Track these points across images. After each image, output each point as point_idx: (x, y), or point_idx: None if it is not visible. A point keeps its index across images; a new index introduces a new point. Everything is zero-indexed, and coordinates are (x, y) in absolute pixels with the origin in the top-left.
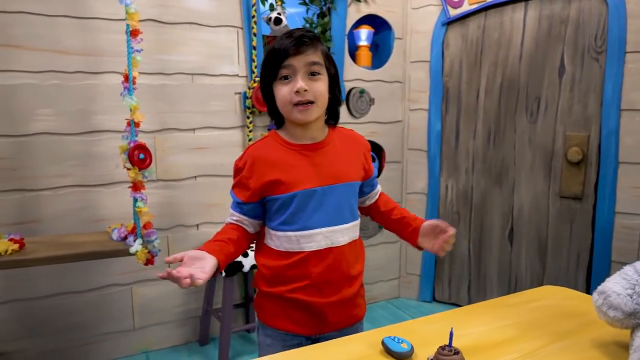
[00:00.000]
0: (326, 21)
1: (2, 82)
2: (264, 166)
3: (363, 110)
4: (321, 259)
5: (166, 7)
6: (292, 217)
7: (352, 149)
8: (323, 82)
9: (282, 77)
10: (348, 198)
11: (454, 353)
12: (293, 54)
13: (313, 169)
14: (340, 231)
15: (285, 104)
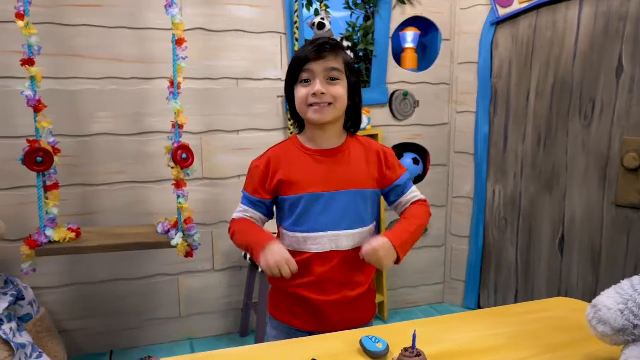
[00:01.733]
0: (369, 24)
1: (68, 88)
2: (278, 167)
3: (407, 112)
4: (325, 260)
5: (214, 16)
6: (299, 218)
7: (366, 155)
8: (342, 87)
9: (302, 80)
10: (357, 204)
11: (415, 355)
12: (314, 59)
13: (323, 174)
14: (346, 236)
15: (301, 104)
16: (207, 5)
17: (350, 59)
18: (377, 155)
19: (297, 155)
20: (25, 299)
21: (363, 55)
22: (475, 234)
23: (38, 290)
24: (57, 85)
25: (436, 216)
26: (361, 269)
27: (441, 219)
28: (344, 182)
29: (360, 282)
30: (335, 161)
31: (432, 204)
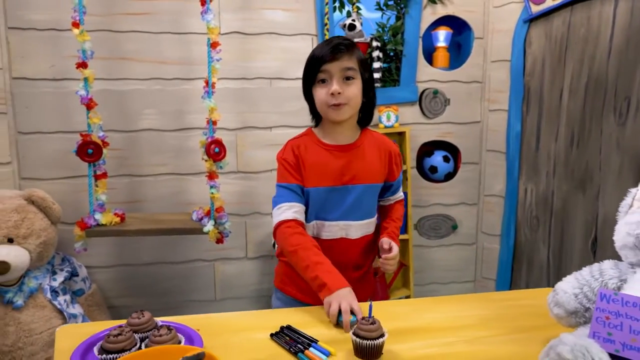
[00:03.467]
0: (398, 25)
1: (118, 88)
2: (303, 159)
3: (437, 110)
4: (333, 245)
5: (249, 20)
6: (315, 208)
7: (379, 152)
8: (356, 86)
9: (319, 80)
10: (367, 197)
11: (370, 323)
12: (329, 60)
13: (338, 169)
14: (354, 226)
15: (322, 104)
16: (243, 10)
17: (364, 56)
18: (389, 153)
19: (316, 150)
20: (79, 275)
21: (393, 55)
22: (507, 233)
23: (90, 268)
24: (108, 86)
25: (467, 214)
26: (365, 254)
27: (472, 217)
28: (358, 176)
29: (362, 265)
30: (351, 156)
31: (463, 202)
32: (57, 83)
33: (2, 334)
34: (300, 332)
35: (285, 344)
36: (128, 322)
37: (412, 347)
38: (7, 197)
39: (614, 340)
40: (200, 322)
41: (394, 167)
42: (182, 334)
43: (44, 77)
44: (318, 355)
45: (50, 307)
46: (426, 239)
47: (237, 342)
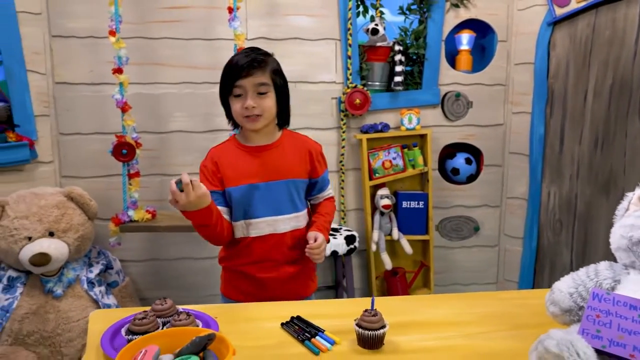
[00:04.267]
0: (421, 29)
1: (151, 91)
2: (221, 163)
3: (459, 113)
4: (264, 242)
5: (275, 26)
6: (241, 207)
7: (299, 150)
8: (270, 99)
9: (235, 94)
10: (290, 192)
11: (372, 315)
12: (244, 77)
13: (259, 167)
14: (282, 220)
15: (237, 116)
16: (269, 17)
17: (278, 65)
18: (308, 151)
19: (236, 152)
20: (113, 268)
21: (415, 58)
22: (529, 236)
23: (124, 262)
24: (142, 90)
25: (489, 216)
26: (297, 248)
27: (494, 219)
28: (278, 173)
29: (297, 259)
30: (269, 155)
31: (485, 204)
32: (95, 87)
33: (43, 320)
34: (308, 322)
35: (294, 332)
36: (152, 308)
37: (412, 339)
38: (49, 194)
39: (601, 337)
40: (218, 311)
41: (316, 164)
42: (200, 320)
43: (84, 82)
44: (323, 343)
45: (86, 297)
46: (448, 240)
47: (250, 329)
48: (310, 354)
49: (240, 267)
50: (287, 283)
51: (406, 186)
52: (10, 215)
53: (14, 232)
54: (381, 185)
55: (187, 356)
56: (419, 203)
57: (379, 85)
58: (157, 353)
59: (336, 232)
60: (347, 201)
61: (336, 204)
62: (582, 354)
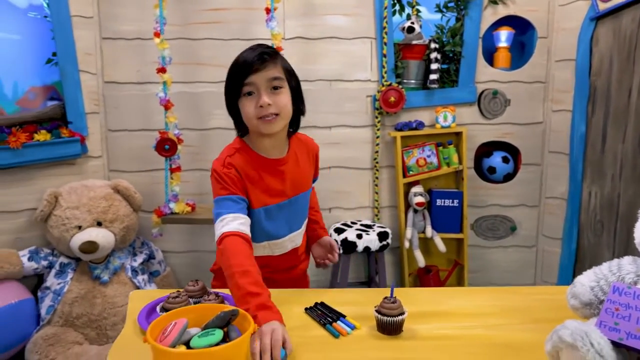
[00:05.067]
0: (457, 26)
1: (193, 90)
2: (246, 176)
3: (496, 111)
4: (286, 257)
5: (312, 25)
6: (265, 227)
7: (307, 156)
8: (286, 95)
9: (245, 93)
10: (305, 204)
11: (392, 302)
12: (255, 71)
13: (283, 185)
14: (300, 234)
15: (250, 118)
16: (306, 17)
17: (288, 63)
18: (314, 154)
19: (256, 166)
20: (156, 258)
21: (452, 56)
22: (569, 237)
23: (165, 253)
24: (184, 88)
25: (527, 216)
26: (304, 252)
27: (532, 219)
28: (298, 187)
29: (302, 260)
30: (289, 168)
31: (523, 204)
32: (141, 86)
33: (91, 304)
34: (331, 308)
35: (316, 317)
36: (185, 289)
37: (431, 328)
38: (97, 186)
39: (619, 330)
40: None
41: (317, 166)
42: (229, 301)
43: (131, 81)
44: (344, 327)
45: (130, 284)
46: (483, 239)
47: None
48: (331, 336)
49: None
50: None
51: (441, 184)
52: (63, 206)
53: (66, 221)
54: (415, 182)
55: (212, 329)
56: (454, 201)
57: (414, 83)
58: (185, 325)
59: (369, 228)
60: (381, 198)
61: (370, 201)
62: (595, 344)
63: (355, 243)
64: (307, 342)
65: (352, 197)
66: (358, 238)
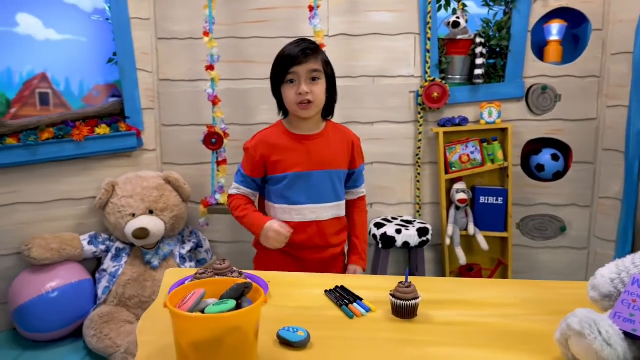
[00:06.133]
0: (504, 20)
1: (241, 87)
2: (268, 149)
3: (546, 107)
4: (306, 228)
5: (355, 22)
6: (286, 192)
7: (342, 141)
8: (322, 86)
9: (288, 80)
10: (333, 181)
11: (406, 286)
12: (298, 63)
13: (306, 156)
14: (324, 208)
15: (290, 103)
16: (350, 14)
17: (327, 57)
18: (351, 142)
19: (283, 139)
20: (203, 247)
21: (499, 51)
22: (624, 239)
23: (212, 242)
24: (232, 85)
25: (578, 216)
26: (337, 234)
27: (584, 219)
28: (322, 162)
29: (335, 244)
30: (315, 144)
31: (574, 203)
32: (192, 83)
33: (142, 287)
34: (349, 291)
35: (334, 299)
36: (213, 267)
37: (447, 314)
38: (150, 177)
39: (634, 321)
40: (272, 277)
41: (355, 156)
42: (253, 280)
43: (183, 79)
44: (359, 309)
45: None
46: (530, 239)
47: (297, 294)
48: (346, 317)
49: (284, 248)
50: (325, 265)
51: (485, 181)
52: (119, 194)
53: (121, 209)
54: (458, 179)
55: (226, 300)
56: (498, 199)
57: (459, 79)
58: (202, 295)
59: (409, 224)
60: (423, 195)
61: (412, 197)
62: (604, 333)
63: (394, 238)
64: (322, 321)
65: (393, 193)
66: (397, 233)
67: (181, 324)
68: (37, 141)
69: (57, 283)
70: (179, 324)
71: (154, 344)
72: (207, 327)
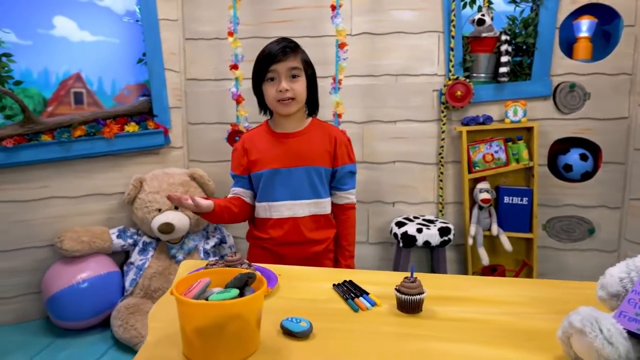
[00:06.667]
0: (530, 17)
1: None
2: (249, 147)
3: (574, 105)
4: (284, 224)
5: (379, 21)
6: (264, 190)
7: (323, 138)
8: (302, 83)
9: (268, 79)
10: (311, 178)
11: (411, 282)
12: (277, 61)
13: (284, 153)
14: (301, 205)
15: (271, 100)
16: (373, 12)
17: (307, 56)
18: (333, 138)
19: (264, 138)
20: (227, 243)
21: (525, 48)
22: None
23: (236, 238)
24: None
25: (608, 218)
26: (318, 231)
27: (614, 221)
28: (301, 159)
29: (320, 240)
30: (295, 142)
31: (603, 205)
32: (217, 83)
33: (167, 280)
34: (357, 285)
35: (341, 292)
36: (225, 259)
37: (452, 310)
38: (176, 174)
39: (639, 320)
40: (282, 270)
41: (338, 153)
42: (263, 273)
43: (208, 78)
44: (364, 303)
45: None
46: (557, 241)
47: (306, 287)
48: (350, 310)
49: (265, 244)
50: (305, 261)
51: (510, 181)
52: (146, 190)
53: (148, 204)
54: (481, 178)
55: (230, 289)
56: (523, 199)
57: (484, 77)
58: (207, 283)
59: (431, 223)
60: (446, 194)
61: (434, 196)
62: (605, 331)
63: (415, 237)
64: (327, 313)
65: (416, 192)
66: (418, 232)
67: (185, 310)
68: (70, 138)
69: (87, 274)
70: (184, 310)
71: (162, 330)
72: (210, 313)
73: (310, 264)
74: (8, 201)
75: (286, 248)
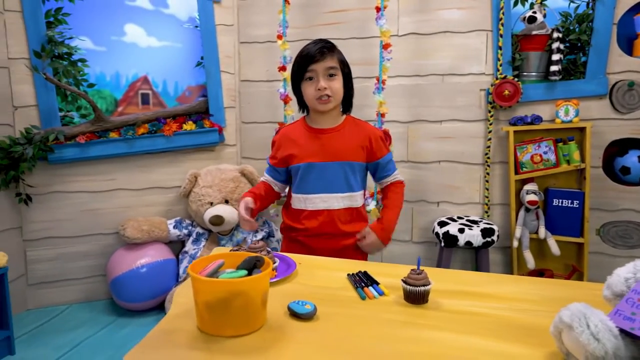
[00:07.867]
0: (584, 13)
1: None
2: (287, 142)
3: (632, 105)
4: (317, 215)
5: (425, 21)
6: (300, 183)
7: (358, 135)
8: (339, 81)
9: (307, 78)
10: (345, 173)
11: (417, 273)
12: (315, 61)
13: (320, 148)
14: (336, 198)
15: (310, 98)
16: (420, 13)
17: (343, 56)
18: (367, 135)
19: (302, 133)
20: (274, 237)
21: (580, 46)
22: None
23: None
24: None
25: None
26: (351, 224)
27: None
28: (335, 154)
29: (348, 232)
30: (330, 137)
31: None
32: (269, 84)
33: None
34: (369, 275)
35: (353, 281)
36: (249, 246)
37: (458, 304)
38: (228, 170)
39: (634, 320)
40: (303, 259)
41: (375, 148)
42: (283, 261)
43: (260, 79)
44: (373, 292)
45: None
46: (611, 246)
47: (321, 275)
48: (358, 298)
49: (298, 237)
50: (338, 254)
51: (560, 183)
52: (200, 184)
53: (202, 197)
54: (529, 180)
55: (239, 270)
56: (573, 202)
57: (535, 76)
58: (219, 264)
59: (474, 224)
60: (492, 195)
61: (480, 197)
62: (592, 326)
63: (457, 237)
64: (336, 299)
65: (461, 192)
66: (460, 232)
67: (198, 286)
68: (135, 135)
69: (146, 260)
70: (196, 286)
71: (184, 305)
72: (217, 289)
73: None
74: (80, 192)
75: (319, 240)
